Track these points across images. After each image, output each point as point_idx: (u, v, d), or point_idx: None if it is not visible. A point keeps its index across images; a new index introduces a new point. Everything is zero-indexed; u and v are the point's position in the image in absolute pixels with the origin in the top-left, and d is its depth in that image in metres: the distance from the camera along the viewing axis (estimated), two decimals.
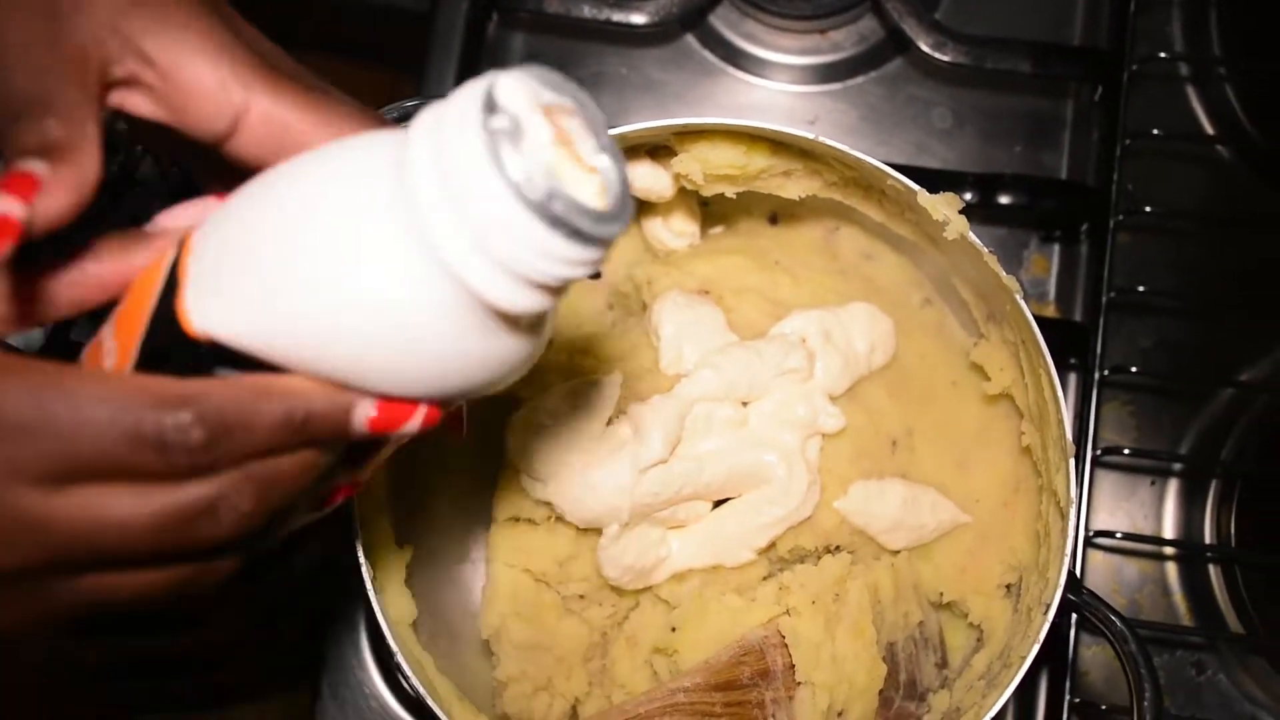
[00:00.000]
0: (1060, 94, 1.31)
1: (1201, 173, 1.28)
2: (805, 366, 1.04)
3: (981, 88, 1.32)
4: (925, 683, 1.06)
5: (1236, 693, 1.21)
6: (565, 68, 1.33)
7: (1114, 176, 1.21)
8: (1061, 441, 0.95)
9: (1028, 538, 1.05)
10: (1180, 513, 1.24)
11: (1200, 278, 1.26)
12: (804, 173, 1.04)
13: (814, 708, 0.96)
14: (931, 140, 1.33)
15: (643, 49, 1.33)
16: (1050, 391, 0.95)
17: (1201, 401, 1.25)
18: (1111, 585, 1.23)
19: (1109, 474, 1.25)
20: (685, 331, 1.05)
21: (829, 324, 1.07)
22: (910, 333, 1.12)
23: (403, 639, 0.96)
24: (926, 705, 1.04)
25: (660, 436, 0.99)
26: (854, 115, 1.33)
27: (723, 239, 1.16)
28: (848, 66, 1.33)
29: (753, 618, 0.99)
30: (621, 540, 1.00)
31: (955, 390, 1.11)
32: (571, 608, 1.06)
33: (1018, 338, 1.00)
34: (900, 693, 1.04)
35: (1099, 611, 0.91)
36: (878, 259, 1.15)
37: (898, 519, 1.05)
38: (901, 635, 1.05)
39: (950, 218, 0.94)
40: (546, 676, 1.04)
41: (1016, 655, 0.95)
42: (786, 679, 0.96)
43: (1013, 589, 1.06)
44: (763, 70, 1.34)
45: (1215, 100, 1.29)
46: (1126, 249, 1.24)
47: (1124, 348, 1.25)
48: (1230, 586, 1.21)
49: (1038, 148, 1.31)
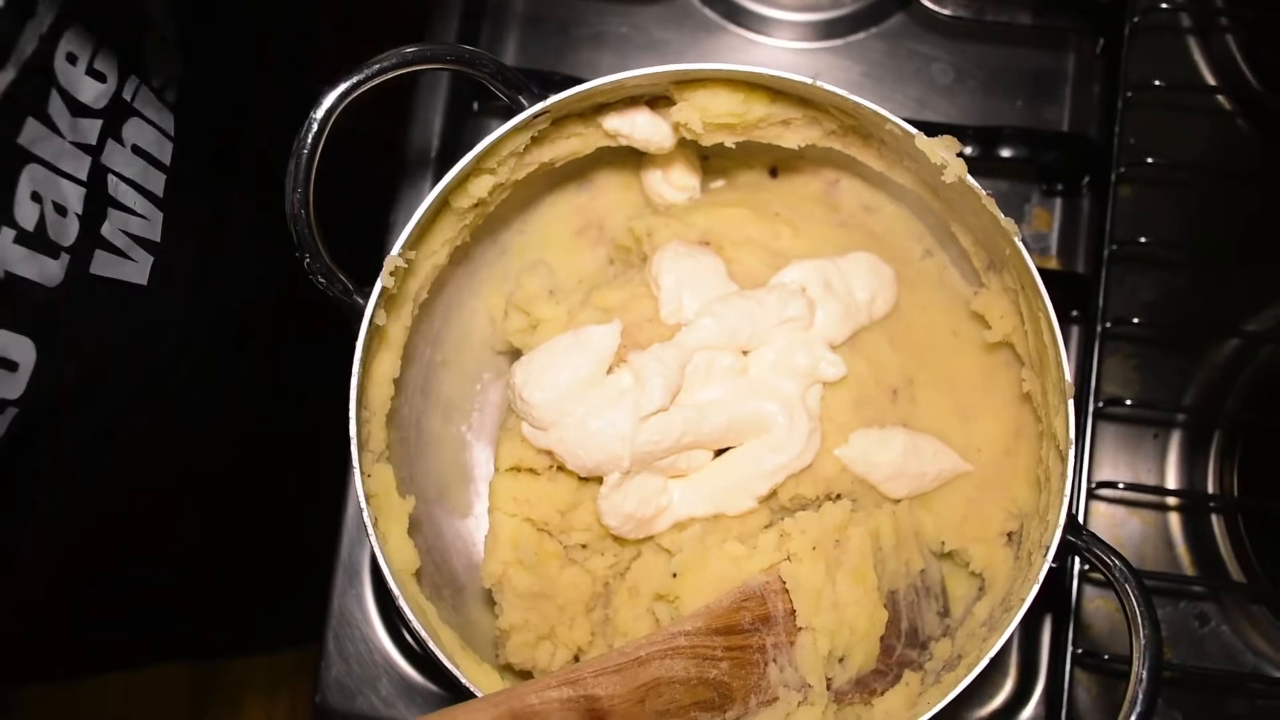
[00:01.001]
0: (1061, 47, 1.31)
1: (1204, 125, 1.28)
2: (806, 315, 1.04)
3: (983, 42, 1.31)
4: (927, 631, 1.06)
5: (1239, 644, 1.21)
6: (567, 27, 1.33)
7: (1115, 129, 1.21)
8: (1061, 384, 0.95)
9: (1029, 485, 1.05)
10: (1183, 465, 1.24)
11: (1203, 230, 1.26)
12: (803, 121, 1.04)
13: (815, 652, 0.96)
14: (933, 96, 1.32)
15: (644, 6, 1.33)
16: (1049, 335, 0.95)
17: (1205, 353, 1.25)
18: (1115, 539, 1.23)
19: (1112, 427, 1.25)
20: (686, 281, 1.05)
21: (829, 273, 1.07)
22: (911, 284, 1.12)
23: (405, 586, 0.96)
24: (928, 653, 1.04)
25: (661, 384, 0.99)
26: (856, 71, 1.33)
27: (724, 192, 1.16)
28: (849, 23, 1.33)
29: (754, 564, 0.99)
30: (622, 488, 1.01)
31: (956, 340, 1.11)
32: (574, 557, 1.06)
33: (1017, 284, 1.00)
34: (902, 640, 1.04)
35: (1099, 553, 0.91)
36: (878, 211, 1.15)
37: (899, 467, 1.05)
38: (903, 583, 1.06)
39: (948, 160, 0.94)
40: (549, 625, 1.05)
41: (1017, 599, 0.95)
42: (787, 624, 0.96)
43: (1014, 537, 1.06)
44: (764, 27, 1.33)
45: (1217, 52, 1.28)
46: (1128, 202, 1.24)
47: (1127, 300, 1.25)
48: (1233, 537, 1.21)
49: (1040, 102, 1.31)
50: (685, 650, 0.89)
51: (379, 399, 1.02)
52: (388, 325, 1.01)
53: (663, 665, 0.85)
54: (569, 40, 1.33)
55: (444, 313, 1.16)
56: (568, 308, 1.09)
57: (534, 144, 1.02)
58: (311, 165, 0.90)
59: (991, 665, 1.21)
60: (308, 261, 0.93)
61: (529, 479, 1.05)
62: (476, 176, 1.00)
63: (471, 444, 1.19)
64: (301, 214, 0.91)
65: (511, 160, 1.01)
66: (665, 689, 0.84)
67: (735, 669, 0.91)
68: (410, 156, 1.28)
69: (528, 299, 1.08)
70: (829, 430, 1.05)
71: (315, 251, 0.92)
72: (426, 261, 1.03)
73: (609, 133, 1.05)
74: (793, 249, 1.10)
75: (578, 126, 1.04)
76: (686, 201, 1.14)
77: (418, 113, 1.28)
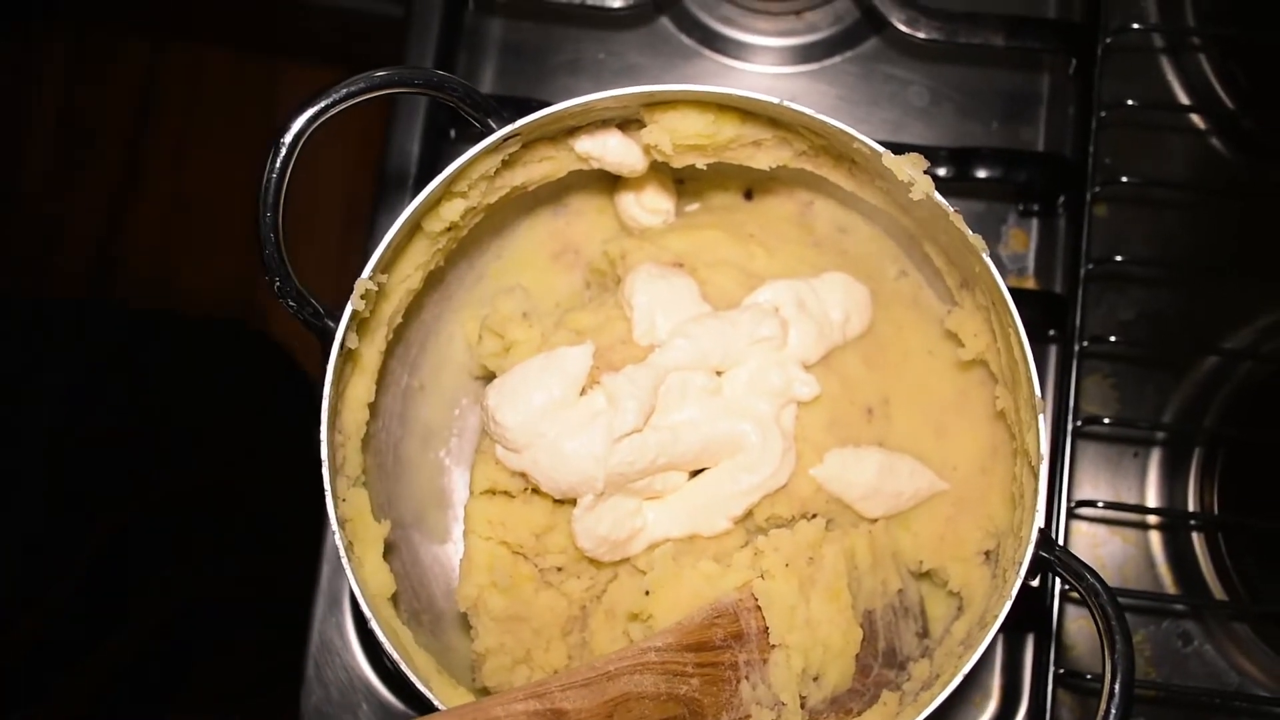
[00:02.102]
0: (1036, 69, 1.31)
1: (1178, 143, 1.29)
2: (779, 335, 1.04)
3: (957, 65, 1.32)
4: (905, 651, 1.06)
5: (1223, 663, 1.20)
6: (544, 54, 1.34)
7: (1090, 148, 1.21)
8: (1031, 400, 0.95)
9: (1005, 503, 1.05)
10: (1164, 483, 1.24)
11: (1178, 247, 1.27)
12: (774, 142, 1.04)
13: (789, 670, 0.95)
14: (909, 119, 1.33)
15: (619, 33, 1.34)
16: (1020, 350, 0.95)
17: (1183, 370, 1.25)
18: (1096, 559, 1.23)
19: (1092, 446, 1.25)
20: (659, 302, 1.05)
21: (803, 293, 1.07)
22: (886, 304, 1.12)
23: (380, 611, 0.96)
24: (906, 674, 1.03)
25: (634, 406, 0.99)
26: (831, 95, 1.34)
27: (698, 215, 1.17)
28: (824, 47, 1.34)
29: (728, 582, 0.99)
30: (596, 510, 1.00)
31: (931, 359, 1.11)
32: (549, 580, 1.06)
33: (989, 300, 1.00)
34: (879, 660, 1.03)
35: (1071, 567, 0.91)
36: (852, 232, 1.15)
37: (874, 486, 1.05)
38: (880, 603, 1.05)
39: (915, 178, 0.94)
40: (525, 649, 1.04)
41: (992, 615, 0.95)
42: (760, 642, 0.96)
43: (991, 555, 1.06)
44: (739, 53, 1.34)
45: (1189, 71, 1.29)
46: (1104, 221, 1.25)
47: (1104, 319, 1.25)
48: (1214, 555, 1.20)
49: (1015, 123, 1.31)
50: (655, 666, 0.89)
51: (353, 423, 1.02)
52: (361, 349, 1.01)
53: (632, 680, 0.85)
54: (546, 67, 1.34)
55: (421, 338, 1.17)
56: (541, 330, 1.09)
57: (505, 167, 1.02)
58: (281, 188, 0.91)
59: (974, 687, 1.23)
60: (278, 285, 0.93)
61: (504, 502, 1.04)
62: (448, 200, 1.00)
63: (450, 469, 1.19)
64: (271, 237, 0.91)
65: (483, 184, 1.01)
66: (634, 704, 0.84)
67: (707, 686, 0.91)
68: (388, 183, 1.28)
69: (501, 321, 1.09)
70: (804, 450, 1.05)
71: (285, 275, 0.93)
72: (400, 285, 1.03)
73: (581, 156, 1.05)
74: (767, 270, 1.10)
75: (549, 150, 1.05)
76: (661, 225, 1.14)
77: (395, 140, 1.29)
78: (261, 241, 0.92)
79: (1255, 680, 1.19)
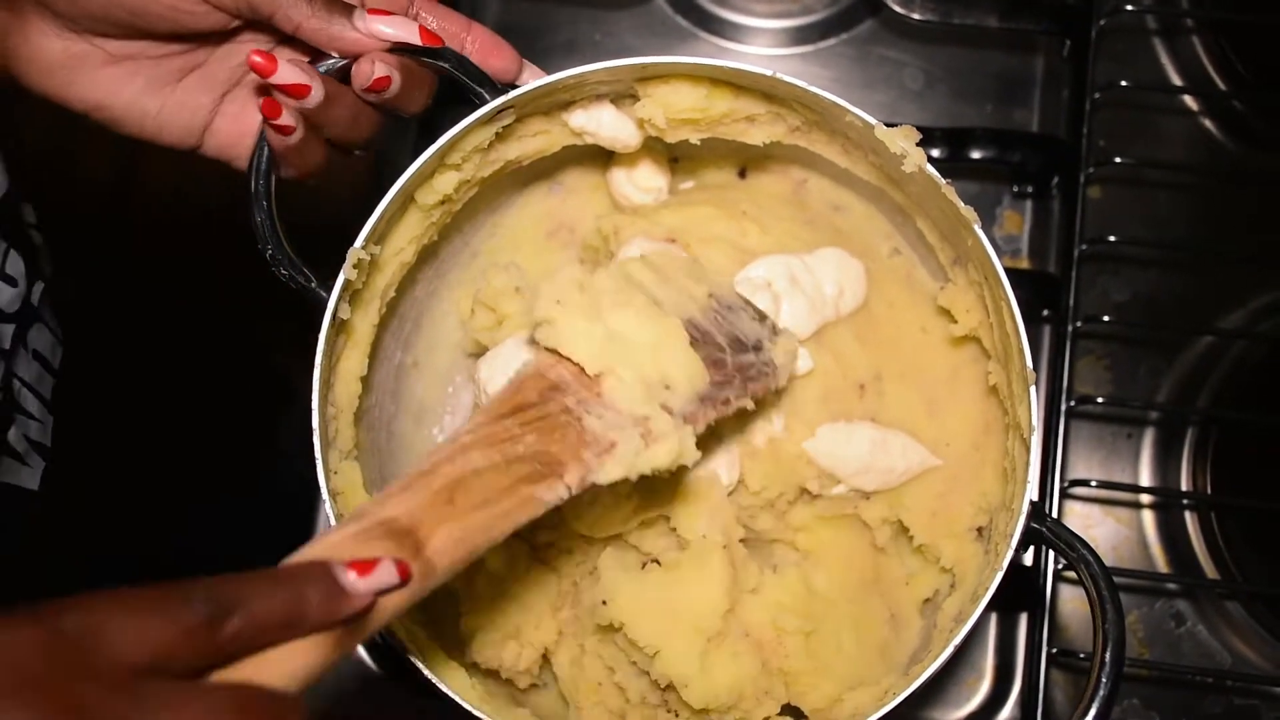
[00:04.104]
0: (1030, 51, 1.32)
1: (1171, 125, 1.29)
2: (771, 309, 1.04)
3: (952, 47, 1.32)
4: (753, 335, 1.01)
5: (1215, 643, 1.20)
6: (538, 34, 1.34)
7: (1084, 130, 1.22)
8: (1024, 373, 0.95)
9: (997, 478, 1.04)
10: (1157, 463, 1.24)
11: (1172, 228, 1.27)
12: (767, 118, 1.04)
13: (628, 388, 0.89)
14: (904, 102, 1.33)
15: (615, 14, 1.34)
16: (1012, 324, 0.95)
17: (1177, 350, 1.26)
18: (1089, 539, 1.21)
19: (1085, 427, 1.25)
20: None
21: (795, 269, 1.07)
22: (879, 281, 1.12)
23: None
24: (766, 353, 1.00)
25: None
26: (826, 78, 1.34)
27: (692, 192, 1.17)
28: (819, 29, 1.34)
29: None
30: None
31: (924, 336, 1.11)
32: (540, 556, 1.06)
33: (981, 275, 1.00)
34: (729, 350, 0.98)
35: (1063, 537, 0.91)
36: (846, 210, 1.15)
37: (867, 462, 1.05)
38: (695, 308, 0.99)
39: (908, 150, 0.94)
40: (515, 625, 1.04)
41: (983, 589, 0.95)
42: (582, 380, 0.89)
43: (984, 531, 1.05)
44: (735, 35, 1.35)
45: (1183, 53, 1.30)
46: (1098, 202, 1.25)
47: (1098, 300, 1.25)
48: (1207, 535, 1.20)
49: (1009, 106, 1.32)
50: (473, 445, 0.82)
51: (346, 396, 1.02)
52: (354, 321, 1.00)
53: (455, 466, 0.78)
54: (542, 48, 1.34)
55: (415, 315, 1.17)
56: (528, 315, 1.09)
57: (499, 140, 1.02)
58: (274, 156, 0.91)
59: (968, 668, 1.22)
60: (270, 252, 0.93)
61: None
62: (441, 172, 1.00)
63: None
64: (264, 204, 0.91)
65: (476, 156, 1.01)
66: (472, 481, 0.78)
67: (545, 436, 0.84)
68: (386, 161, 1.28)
69: (494, 295, 1.09)
70: (796, 424, 1.05)
71: (277, 242, 0.93)
72: (394, 259, 1.03)
73: (575, 130, 1.05)
74: (760, 246, 1.10)
75: (543, 124, 1.05)
76: (653, 202, 1.14)
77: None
78: (254, 208, 0.92)
79: (1247, 660, 1.19)
